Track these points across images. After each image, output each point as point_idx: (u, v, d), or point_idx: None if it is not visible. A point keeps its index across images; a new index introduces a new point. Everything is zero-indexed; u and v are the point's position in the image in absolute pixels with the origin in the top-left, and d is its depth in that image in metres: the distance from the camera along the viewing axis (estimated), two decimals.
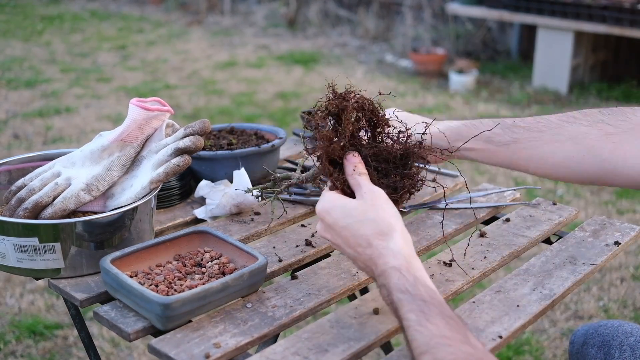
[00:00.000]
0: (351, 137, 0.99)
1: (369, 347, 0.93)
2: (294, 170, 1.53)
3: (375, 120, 1.02)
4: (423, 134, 1.03)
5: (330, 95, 0.99)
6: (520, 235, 1.25)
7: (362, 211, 0.92)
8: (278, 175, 1.14)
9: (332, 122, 0.99)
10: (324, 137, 0.97)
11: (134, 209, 1.11)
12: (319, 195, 1.37)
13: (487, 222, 1.34)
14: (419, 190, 1.03)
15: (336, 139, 0.97)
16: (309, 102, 4.96)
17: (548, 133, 1.11)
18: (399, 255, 0.87)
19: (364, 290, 1.45)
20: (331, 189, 0.98)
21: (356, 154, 0.98)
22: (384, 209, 0.92)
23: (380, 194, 0.93)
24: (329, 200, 0.95)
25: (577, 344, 1.28)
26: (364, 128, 1.02)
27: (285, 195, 1.37)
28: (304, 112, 1.17)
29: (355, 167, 0.96)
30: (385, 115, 1.03)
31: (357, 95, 1.00)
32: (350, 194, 0.96)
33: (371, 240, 0.90)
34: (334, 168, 0.98)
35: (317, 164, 1.00)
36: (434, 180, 1.11)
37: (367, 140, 1.02)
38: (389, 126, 1.03)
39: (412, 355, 0.79)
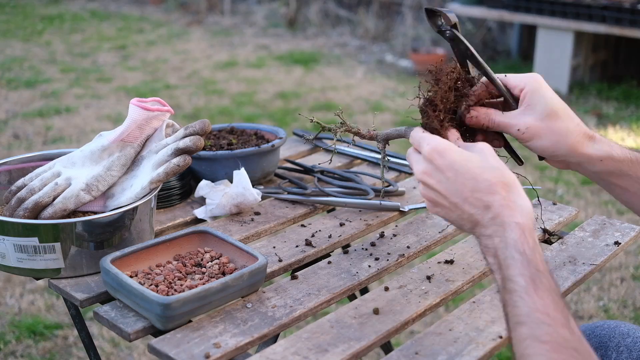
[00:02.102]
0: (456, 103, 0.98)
1: (369, 347, 0.93)
2: (296, 170, 1.53)
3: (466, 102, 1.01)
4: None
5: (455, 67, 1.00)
6: None
7: (483, 159, 0.86)
8: (348, 123, 1.08)
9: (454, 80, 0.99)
10: (446, 83, 0.96)
11: (134, 209, 1.11)
12: (318, 195, 1.37)
13: None
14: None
15: (452, 93, 0.97)
16: (309, 102, 4.96)
17: None
18: (526, 213, 0.82)
19: (364, 290, 1.45)
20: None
21: (457, 129, 0.96)
22: (503, 163, 0.87)
23: (493, 151, 0.89)
24: (443, 142, 0.89)
25: None
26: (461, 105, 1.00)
27: (284, 195, 1.37)
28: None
29: (458, 137, 0.94)
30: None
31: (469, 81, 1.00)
32: None
33: (496, 187, 0.83)
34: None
35: (423, 102, 0.97)
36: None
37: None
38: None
39: (508, 320, 0.78)
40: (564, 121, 0.96)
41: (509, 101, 1.00)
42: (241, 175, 1.29)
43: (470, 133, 1.03)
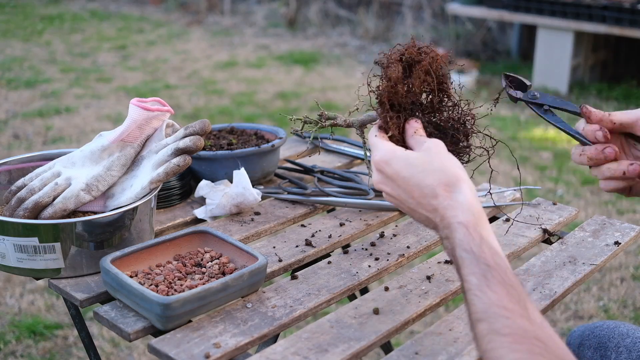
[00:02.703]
0: (413, 95, 0.95)
1: (369, 347, 0.93)
2: (296, 170, 1.53)
3: (440, 86, 0.98)
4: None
5: (411, 44, 0.96)
6: (520, 235, 1.25)
7: (426, 161, 0.87)
8: (325, 112, 1.08)
9: (402, 69, 0.95)
10: (391, 78, 0.93)
11: (134, 209, 1.11)
12: (319, 195, 1.37)
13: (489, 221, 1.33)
14: (468, 162, 1.00)
15: (401, 85, 0.94)
16: (308, 102, 4.96)
17: None
18: (466, 210, 0.83)
19: (364, 290, 1.45)
20: (382, 137, 0.93)
21: (418, 120, 0.95)
22: (448, 159, 0.88)
23: (442, 145, 0.89)
24: (388, 150, 0.90)
25: (573, 345, 1.28)
26: (427, 90, 0.97)
27: (284, 195, 1.37)
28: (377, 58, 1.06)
29: (416, 130, 0.93)
30: (451, 84, 0.99)
31: (434, 54, 0.96)
32: (403, 148, 0.92)
33: (437, 190, 0.85)
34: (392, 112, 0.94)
35: (375, 105, 0.96)
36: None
37: (424, 103, 0.98)
38: (449, 98, 0.99)
39: (469, 318, 0.79)
40: None
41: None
42: (241, 175, 1.29)
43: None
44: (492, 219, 1.35)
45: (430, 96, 0.97)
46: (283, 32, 7.54)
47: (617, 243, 1.23)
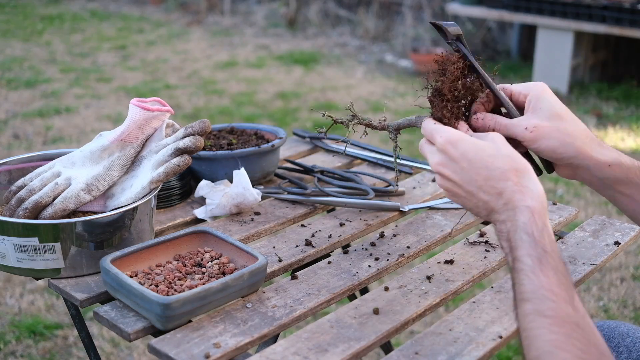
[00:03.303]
0: (468, 93, 0.98)
1: (369, 347, 0.93)
2: (296, 170, 1.53)
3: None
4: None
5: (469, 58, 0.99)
6: None
7: (495, 147, 0.88)
8: (359, 114, 1.08)
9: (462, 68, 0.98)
10: (454, 73, 0.96)
11: (134, 209, 1.11)
12: (318, 195, 1.37)
13: (487, 222, 1.34)
14: None
15: (461, 81, 0.97)
16: (309, 102, 4.96)
17: None
18: (536, 197, 0.84)
19: (364, 290, 1.45)
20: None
21: (465, 124, 0.97)
22: (515, 150, 0.88)
23: (504, 138, 0.90)
24: (455, 132, 0.90)
25: None
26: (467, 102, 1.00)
27: (284, 195, 1.37)
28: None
29: (468, 129, 0.96)
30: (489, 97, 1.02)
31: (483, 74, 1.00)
32: None
33: (508, 174, 0.86)
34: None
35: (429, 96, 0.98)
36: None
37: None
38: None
39: (515, 298, 0.80)
40: (570, 123, 0.96)
41: (511, 113, 0.99)
42: (241, 175, 1.29)
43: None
44: None
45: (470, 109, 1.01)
46: (283, 32, 7.54)
47: (617, 243, 1.23)
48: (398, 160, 1.51)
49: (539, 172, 1.02)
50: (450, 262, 1.15)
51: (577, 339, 0.74)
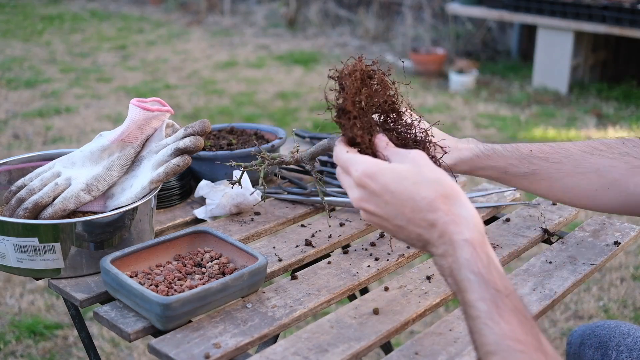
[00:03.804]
0: (373, 105, 0.90)
1: (369, 347, 0.93)
2: (296, 170, 1.53)
3: (392, 106, 0.93)
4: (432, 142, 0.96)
5: (358, 61, 0.90)
6: (520, 235, 1.25)
7: (417, 172, 0.79)
8: (267, 153, 1.02)
9: (360, 78, 0.89)
10: (352, 87, 0.86)
11: (134, 209, 1.11)
12: (319, 195, 1.37)
13: (487, 222, 1.34)
14: None
15: (362, 93, 0.88)
16: (309, 102, 4.96)
17: (569, 165, 1.08)
18: (472, 226, 0.76)
19: (364, 290, 1.45)
20: (354, 151, 0.85)
21: (384, 135, 0.88)
22: (439, 170, 0.80)
23: (426, 156, 0.82)
24: (371, 163, 0.81)
25: (574, 344, 1.28)
26: (377, 112, 0.92)
27: (284, 195, 1.37)
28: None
29: (387, 143, 0.86)
30: (400, 105, 0.94)
31: (381, 73, 0.92)
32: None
33: (436, 203, 0.77)
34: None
35: (334, 117, 0.89)
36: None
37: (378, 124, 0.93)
38: (401, 118, 0.94)
39: (477, 348, 0.73)
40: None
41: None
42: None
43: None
44: (492, 219, 1.35)
45: (382, 116, 0.94)
46: (283, 32, 7.54)
47: (617, 243, 1.23)
48: (328, 190, 1.38)
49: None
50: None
51: None
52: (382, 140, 0.87)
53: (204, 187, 1.34)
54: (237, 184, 1.11)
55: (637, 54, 5.50)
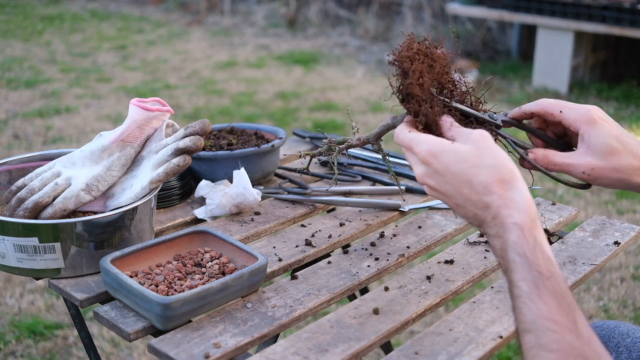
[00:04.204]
0: (439, 84, 0.92)
1: (369, 347, 0.93)
2: (294, 170, 1.53)
3: (447, 79, 0.95)
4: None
5: (411, 40, 0.92)
6: None
7: (478, 155, 0.83)
8: (333, 139, 1.06)
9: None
10: (416, 69, 0.88)
11: (134, 209, 1.11)
12: (319, 195, 1.37)
13: None
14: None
15: (427, 75, 0.90)
16: (309, 102, 4.96)
17: None
18: (523, 210, 0.79)
19: (364, 290, 1.45)
20: (418, 132, 0.88)
21: (449, 115, 0.91)
22: (501, 153, 0.83)
23: (490, 137, 0.85)
24: (435, 142, 0.85)
25: None
26: (436, 86, 0.94)
27: (284, 195, 1.37)
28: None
29: (451, 123, 0.89)
30: (456, 79, 0.96)
31: (434, 48, 0.93)
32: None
33: (492, 187, 0.81)
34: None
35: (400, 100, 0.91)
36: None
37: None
38: (456, 88, 0.96)
39: (517, 325, 0.77)
40: (624, 157, 0.94)
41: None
42: (241, 175, 1.29)
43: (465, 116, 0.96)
44: None
45: (441, 89, 0.95)
46: (283, 32, 7.54)
47: (617, 243, 1.23)
48: (396, 160, 1.51)
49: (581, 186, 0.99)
50: (450, 262, 1.15)
51: None
52: (446, 122, 0.90)
53: (204, 187, 1.34)
54: (306, 170, 1.16)
55: (637, 54, 5.50)
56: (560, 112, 0.97)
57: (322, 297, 1.03)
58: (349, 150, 1.14)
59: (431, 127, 0.90)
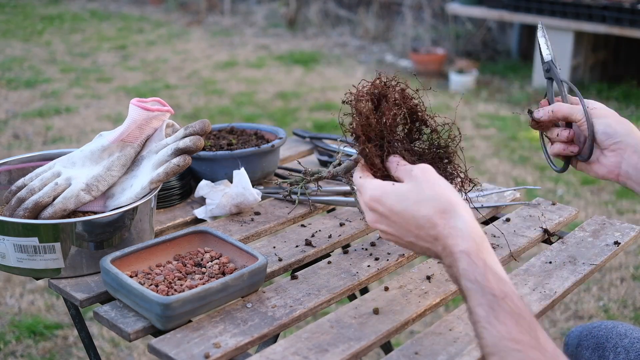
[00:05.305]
0: (389, 128, 0.95)
1: (369, 347, 0.93)
2: (296, 170, 1.53)
3: (414, 116, 0.99)
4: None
5: (377, 79, 0.96)
6: (520, 235, 1.25)
7: (417, 191, 0.85)
8: (309, 169, 1.11)
9: (372, 104, 0.95)
10: (362, 112, 0.92)
11: (134, 209, 1.11)
12: (320, 194, 1.37)
13: (487, 222, 1.34)
14: (458, 180, 1.01)
15: (373, 117, 0.93)
16: (309, 102, 4.96)
17: None
18: (467, 236, 0.81)
19: (364, 290, 1.45)
20: (367, 176, 0.92)
21: (396, 155, 0.94)
22: (439, 185, 0.86)
23: (431, 170, 0.87)
24: (377, 187, 0.89)
25: (571, 345, 1.28)
26: (401, 123, 0.98)
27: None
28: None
29: (398, 162, 0.92)
30: (424, 113, 0.99)
31: (402, 86, 0.97)
32: (391, 181, 0.91)
33: (434, 219, 0.83)
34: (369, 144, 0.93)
35: (353, 143, 0.96)
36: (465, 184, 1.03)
37: (402, 135, 0.99)
38: (427, 126, 0.99)
39: (481, 350, 0.77)
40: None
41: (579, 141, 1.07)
42: (241, 175, 1.29)
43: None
44: (492, 219, 1.35)
45: (407, 127, 0.98)
46: (283, 32, 7.54)
47: (617, 243, 1.23)
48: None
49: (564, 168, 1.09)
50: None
51: None
52: (392, 162, 0.92)
53: (204, 187, 1.34)
54: (288, 197, 1.26)
55: (637, 54, 5.50)
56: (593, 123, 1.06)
57: (322, 297, 1.03)
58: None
59: (381, 170, 0.93)
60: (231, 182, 1.34)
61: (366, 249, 1.19)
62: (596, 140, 1.04)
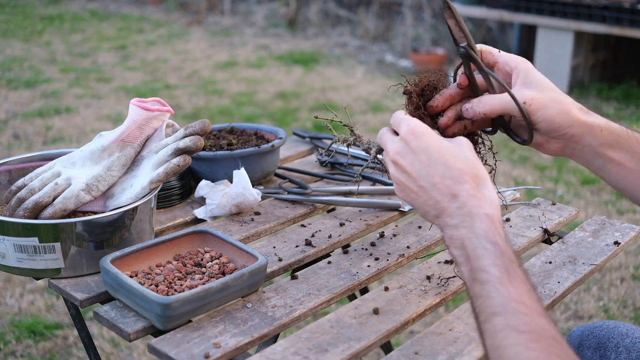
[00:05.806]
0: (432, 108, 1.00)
1: (369, 347, 0.93)
2: (296, 170, 1.53)
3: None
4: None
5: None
6: (520, 235, 1.25)
7: (459, 149, 0.85)
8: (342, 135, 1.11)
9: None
10: (422, 81, 1.03)
11: (134, 209, 1.11)
12: (319, 195, 1.37)
13: None
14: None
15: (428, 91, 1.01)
16: (309, 102, 4.96)
17: None
18: (494, 206, 0.81)
19: (364, 290, 1.45)
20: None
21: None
22: (479, 160, 0.86)
23: (472, 147, 0.87)
24: (421, 125, 0.87)
25: (572, 345, 1.28)
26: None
27: (284, 195, 1.37)
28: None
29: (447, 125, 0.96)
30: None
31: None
32: None
33: (466, 177, 0.82)
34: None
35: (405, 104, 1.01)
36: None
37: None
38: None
39: (479, 313, 0.76)
40: (560, 94, 0.95)
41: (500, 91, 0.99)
42: (241, 175, 1.29)
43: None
44: None
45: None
46: (283, 32, 7.54)
47: (617, 243, 1.23)
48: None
49: (523, 140, 1.02)
50: (450, 262, 1.15)
51: (557, 354, 0.69)
52: (442, 122, 0.96)
53: (204, 187, 1.34)
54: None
55: (637, 54, 5.50)
56: (499, 52, 0.99)
57: (322, 297, 1.03)
58: (349, 150, 1.17)
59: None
60: (231, 182, 1.34)
61: (366, 249, 1.19)
62: (538, 133, 0.98)
